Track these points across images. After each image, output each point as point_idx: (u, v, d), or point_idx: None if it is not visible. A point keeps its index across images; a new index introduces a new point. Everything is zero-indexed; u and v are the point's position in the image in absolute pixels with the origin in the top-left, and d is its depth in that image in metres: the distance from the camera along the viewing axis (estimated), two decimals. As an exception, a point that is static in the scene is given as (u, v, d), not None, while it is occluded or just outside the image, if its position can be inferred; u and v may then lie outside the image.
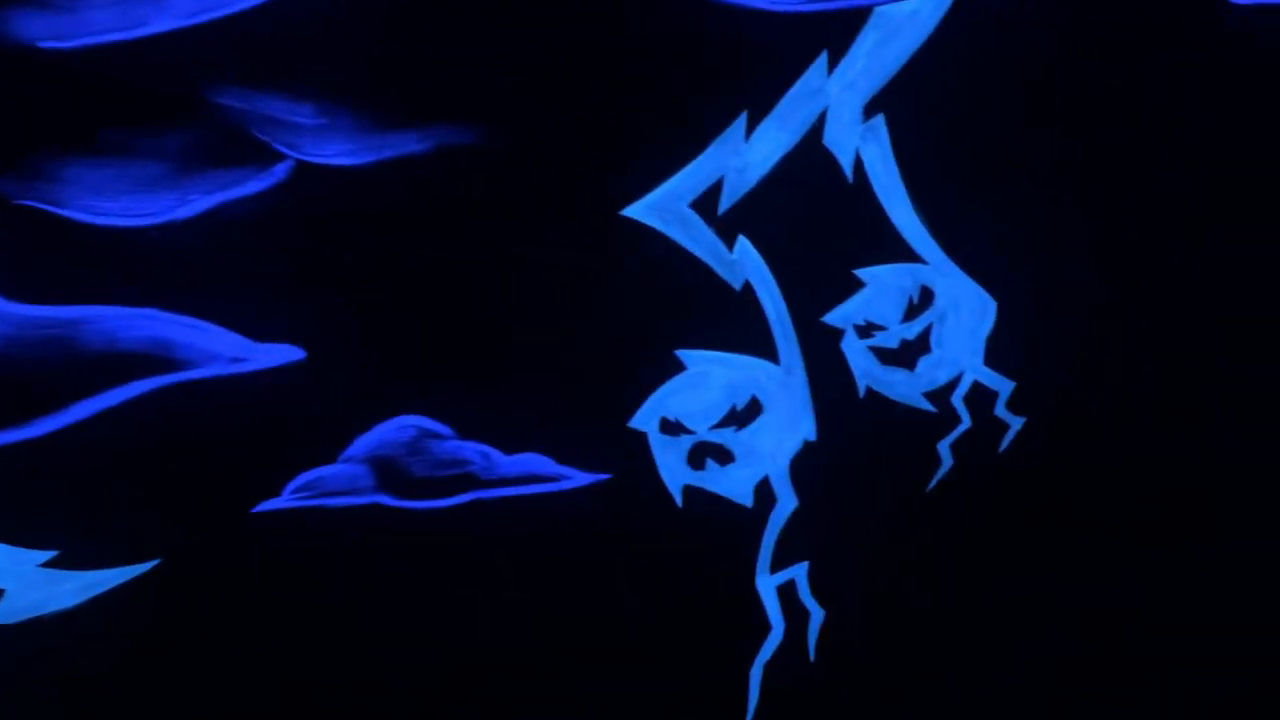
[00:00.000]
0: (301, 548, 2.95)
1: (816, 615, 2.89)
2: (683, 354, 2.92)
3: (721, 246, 2.90)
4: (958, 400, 2.87)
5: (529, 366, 2.93)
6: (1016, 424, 2.84)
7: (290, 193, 2.89)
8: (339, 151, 2.90)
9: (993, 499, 2.86)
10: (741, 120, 2.87)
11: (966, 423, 2.86)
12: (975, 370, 2.86)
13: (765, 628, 2.92)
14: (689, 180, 2.90)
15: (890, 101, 2.86)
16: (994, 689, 2.85)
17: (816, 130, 2.87)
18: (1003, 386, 2.85)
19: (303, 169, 2.89)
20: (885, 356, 2.89)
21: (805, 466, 2.90)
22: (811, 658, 2.90)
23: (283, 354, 2.90)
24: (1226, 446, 2.85)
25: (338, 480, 2.95)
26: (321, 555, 2.96)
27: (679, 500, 2.93)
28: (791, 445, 2.90)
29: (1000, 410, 2.85)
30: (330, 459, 2.93)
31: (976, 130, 2.84)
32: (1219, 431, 2.86)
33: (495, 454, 2.94)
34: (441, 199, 2.90)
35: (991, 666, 2.88)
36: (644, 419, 2.93)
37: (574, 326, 2.93)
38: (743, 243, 2.90)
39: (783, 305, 2.90)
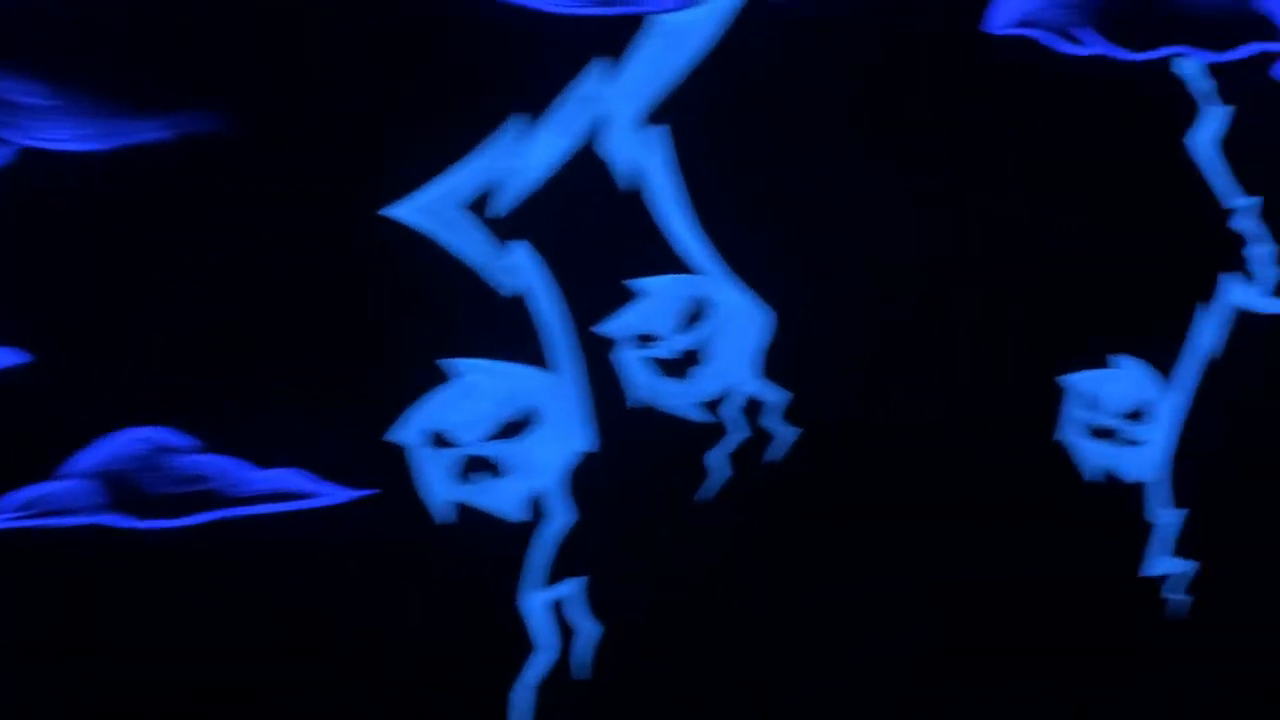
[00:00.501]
0: (18, 573, 2.70)
1: (592, 632, 2.82)
2: (450, 363, 2.79)
3: (496, 252, 2.80)
4: (734, 411, 2.85)
5: (286, 374, 2.75)
6: (791, 434, 2.85)
7: (13, 179, 2.67)
8: (71, 136, 2.69)
9: (773, 507, 2.85)
10: (517, 122, 2.78)
11: (743, 433, 2.85)
12: (750, 381, 2.85)
13: (536, 647, 2.82)
14: (459, 182, 2.79)
15: (669, 110, 2.82)
16: (795, 695, 2.85)
17: (594, 136, 2.81)
18: (777, 397, 2.86)
19: (28, 155, 2.67)
20: (660, 367, 2.85)
21: (582, 478, 2.82)
22: (588, 676, 2.82)
23: (3, 357, 2.66)
24: (1011, 446, 2.91)
25: (61, 498, 2.72)
26: (41, 581, 2.72)
27: (442, 517, 2.80)
28: (567, 457, 2.82)
29: (775, 420, 2.85)
30: (55, 474, 2.69)
31: (756, 141, 2.84)
32: (1003, 434, 2.92)
33: (245, 469, 2.75)
34: (185, 191, 2.72)
35: (795, 674, 2.86)
36: (406, 431, 2.79)
37: (335, 332, 2.77)
38: (518, 248, 2.80)
39: (559, 313, 2.81)
